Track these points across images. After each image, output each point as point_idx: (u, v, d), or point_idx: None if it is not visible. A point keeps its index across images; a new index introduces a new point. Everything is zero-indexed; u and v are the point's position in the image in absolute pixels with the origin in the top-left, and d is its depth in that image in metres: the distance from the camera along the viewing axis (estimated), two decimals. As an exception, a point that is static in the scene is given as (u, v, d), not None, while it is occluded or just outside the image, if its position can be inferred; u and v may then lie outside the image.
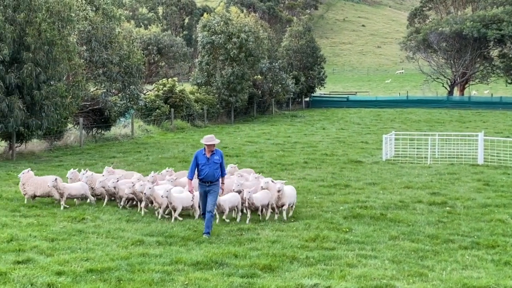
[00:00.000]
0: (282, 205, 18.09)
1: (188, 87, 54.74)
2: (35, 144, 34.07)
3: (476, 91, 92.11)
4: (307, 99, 78.54)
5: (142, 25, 66.29)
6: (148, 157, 32.13)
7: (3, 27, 29.46)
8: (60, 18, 31.83)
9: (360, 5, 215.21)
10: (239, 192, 18.55)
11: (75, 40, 34.84)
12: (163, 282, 12.56)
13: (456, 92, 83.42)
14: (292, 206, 18.83)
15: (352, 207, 19.88)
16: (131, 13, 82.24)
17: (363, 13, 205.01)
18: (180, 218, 17.96)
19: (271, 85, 62.07)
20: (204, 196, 16.72)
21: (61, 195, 19.39)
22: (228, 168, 21.90)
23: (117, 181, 19.58)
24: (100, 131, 39.94)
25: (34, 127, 30.78)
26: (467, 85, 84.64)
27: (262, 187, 18.59)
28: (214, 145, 16.90)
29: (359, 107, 74.02)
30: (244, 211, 18.48)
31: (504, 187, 24.12)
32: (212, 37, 54.12)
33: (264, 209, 18.40)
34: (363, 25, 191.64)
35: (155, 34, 61.16)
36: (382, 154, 32.30)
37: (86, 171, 20.78)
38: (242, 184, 19.08)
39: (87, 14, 37.25)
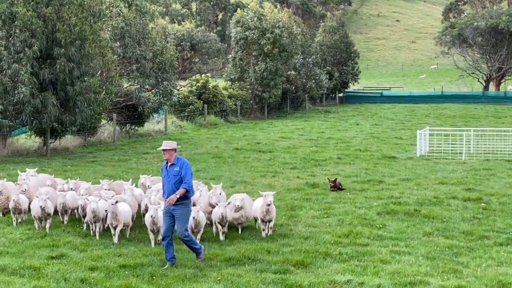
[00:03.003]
0: (270, 220, 15.76)
1: (221, 83, 54.84)
2: (69, 140, 34.33)
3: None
4: (341, 94, 78.39)
5: (176, 21, 66.49)
6: (181, 153, 32.22)
7: (34, 23, 29.71)
8: (91, 13, 32.02)
9: (395, 0, 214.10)
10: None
11: (108, 36, 35.04)
12: (196, 278, 12.59)
13: (492, 87, 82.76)
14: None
15: (386, 203, 19.80)
16: (164, 9, 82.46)
17: (398, 8, 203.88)
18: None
19: (304, 80, 61.97)
20: (166, 217, 13.47)
21: None
22: (142, 180, 19.05)
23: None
24: (133, 127, 40.15)
25: (68, 123, 31.01)
26: (503, 80, 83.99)
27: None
28: (172, 153, 13.57)
29: (393, 102, 73.76)
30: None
31: (541, 183, 23.91)
32: (246, 32, 54.17)
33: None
34: (397, 20, 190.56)
35: (188, 30, 61.40)
36: (416, 149, 32.15)
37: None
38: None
39: (120, 10, 37.49)
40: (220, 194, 16.47)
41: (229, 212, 15.34)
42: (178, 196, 13.06)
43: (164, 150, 13.55)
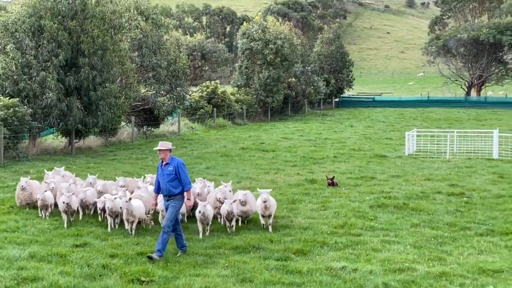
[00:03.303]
0: (269, 216, 15.47)
1: (229, 88, 54.82)
2: (92, 140, 34.36)
3: (491, 92, 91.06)
4: (337, 99, 78.31)
5: (188, 33, 66.46)
6: (193, 152, 32.25)
7: (60, 35, 29.79)
8: (112, 26, 32.07)
9: (386, 14, 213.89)
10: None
11: (127, 46, 35.08)
12: (206, 264, 12.60)
13: (473, 93, 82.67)
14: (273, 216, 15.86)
15: (377, 197, 19.79)
16: (178, 22, 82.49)
17: (388, 21, 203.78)
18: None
19: (304, 87, 61.99)
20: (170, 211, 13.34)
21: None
22: (148, 178, 18.29)
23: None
24: (150, 128, 40.17)
25: (91, 124, 31.07)
26: (483, 87, 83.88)
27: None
28: (167, 153, 13.44)
29: (384, 106, 73.71)
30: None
31: (517, 179, 23.89)
32: (251, 43, 54.22)
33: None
34: (388, 32, 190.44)
35: (199, 41, 61.39)
36: (405, 149, 32.13)
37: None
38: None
39: (138, 23, 37.50)
40: (230, 191, 16.32)
41: (236, 207, 15.24)
42: (192, 202, 12.97)
43: (160, 150, 13.42)
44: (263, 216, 15.63)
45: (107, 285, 11.28)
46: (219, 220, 16.04)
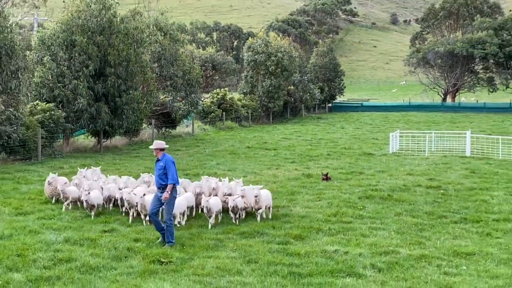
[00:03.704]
0: (259, 209, 15.06)
1: (236, 95, 54.83)
2: (118, 140, 34.41)
3: (464, 98, 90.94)
4: (330, 104, 78.18)
5: (201, 47, 66.34)
6: (205, 150, 32.28)
7: (90, 48, 29.87)
8: (135, 41, 32.12)
9: (372, 30, 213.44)
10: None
11: (148, 58, 35.12)
12: (217, 247, 12.64)
13: (449, 99, 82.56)
14: (269, 208, 15.59)
15: (365, 189, 19.80)
16: (192, 37, 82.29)
17: (375, 36, 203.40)
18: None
19: (301, 93, 61.95)
20: (155, 199, 13.06)
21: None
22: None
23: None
24: (167, 129, 40.19)
25: (117, 126, 31.13)
26: (457, 94, 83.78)
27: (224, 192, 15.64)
28: (157, 151, 13.27)
29: (371, 111, 73.65)
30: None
31: (487, 174, 23.87)
32: (255, 56, 54.24)
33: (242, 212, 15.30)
34: (374, 46, 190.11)
35: (210, 54, 61.19)
36: (389, 148, 32.12)
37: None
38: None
39: (157, 38, 37.52)
40: (241, 187, 15.73)
41: (240, 201, 14.95)
42: (169, 193, 12.67)
43: (154, 148, 13.31)
44: (254, 209, 15.25)
45: (131, 265, 11.34)
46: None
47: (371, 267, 11.40)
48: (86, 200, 15.20)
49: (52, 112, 27.95)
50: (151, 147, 13.67)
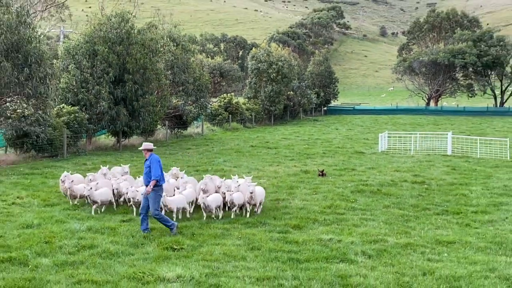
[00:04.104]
0: (254, 204, 14.75)
1: (241, 99, 54.77)
2: (135, 139, 34.41)
3: (446, 102, 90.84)
4: (325, 108, 78.12)
5: (209, 56, 66.30)
6: (213, 148, 32.29)
7: (110, 57, 29.90)
8: (150, 50, 32.10)
9: (364, 41, 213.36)
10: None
11: (162, 66, 35.12)
12: (223, 236, 12.66)
13: (432, 103, 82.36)
14: (260, 203, 15.11)
15: (357, 184, 19.81)
16: (201, 48, 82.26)
17: (366, 47, 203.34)
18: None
19: (299, 98, 61.85)
20: (144, 199, 12.90)
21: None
22: (174, 171, 17.34)
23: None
24: (180, 130, 40.16)
25: (134, 127, 31.16)
26: (440, 98, 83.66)
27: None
28: (147, 151, 12.96)
29: (362, 114, 73.51)
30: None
31: (466, 171, 23.85)
32: (258, 64, 54.24)
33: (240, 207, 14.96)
34: (365, 56, 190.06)
35: (218, 62, 61.10)
36: (379, 147, 32.10)
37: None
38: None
39: (170, 48, 37.51)
40: (250, 184, 15.01)
41: (237, 197, 14.57)
42: (151, 187, 12.47)
43: (142, 149, 13.07)
44: (249, 204, 14.70)
45: (147, 252, 11.36)
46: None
47: (362, 254, 11.40)
48: (88, 196, 14.87)
49: (76, 114, 27.99)
50: (140, 148, 13.46)
